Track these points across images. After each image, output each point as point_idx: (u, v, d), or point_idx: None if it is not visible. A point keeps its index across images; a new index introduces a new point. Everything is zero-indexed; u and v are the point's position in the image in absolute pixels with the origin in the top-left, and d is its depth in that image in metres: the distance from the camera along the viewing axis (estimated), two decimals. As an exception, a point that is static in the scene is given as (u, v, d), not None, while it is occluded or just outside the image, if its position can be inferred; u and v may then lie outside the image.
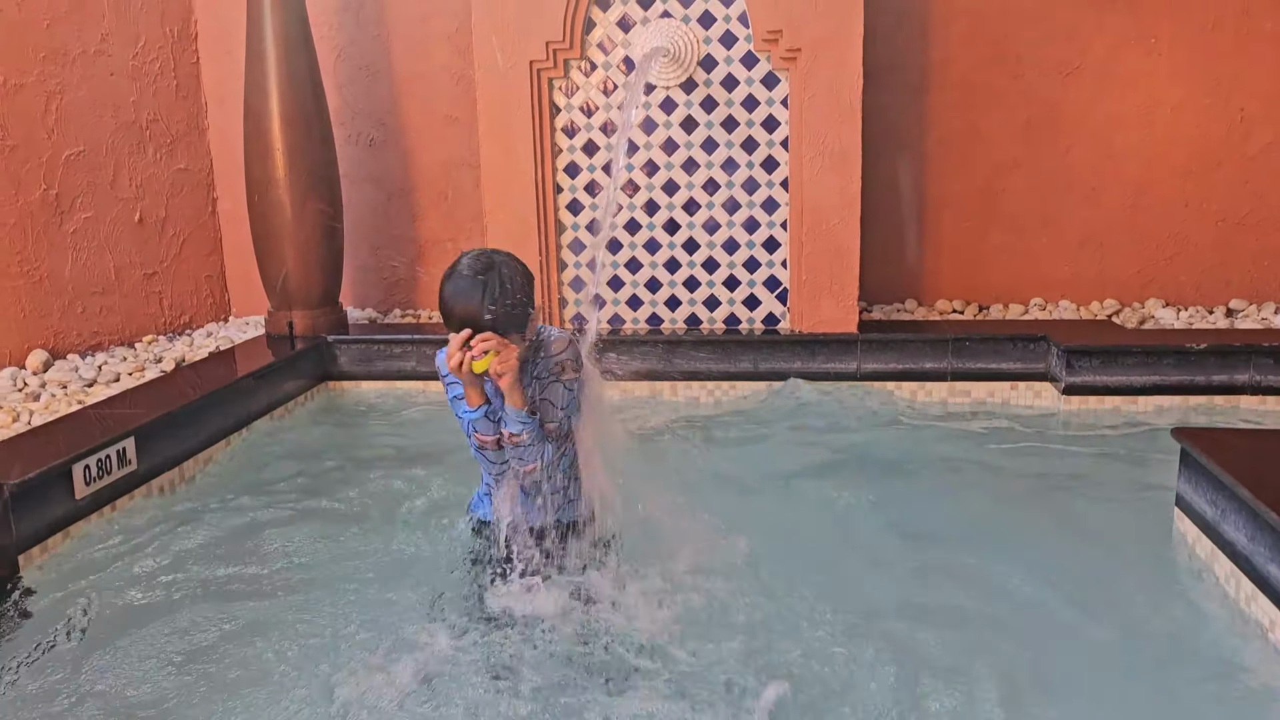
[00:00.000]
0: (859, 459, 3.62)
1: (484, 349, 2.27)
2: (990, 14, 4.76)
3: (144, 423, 3.26)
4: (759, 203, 4.40)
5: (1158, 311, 4.79)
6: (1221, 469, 2.57)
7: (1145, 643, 2.39)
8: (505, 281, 2.29)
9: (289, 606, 2.59)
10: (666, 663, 2.26)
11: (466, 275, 2.29)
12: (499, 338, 2.29)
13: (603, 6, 4.30)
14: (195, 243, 5.12)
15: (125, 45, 4.66)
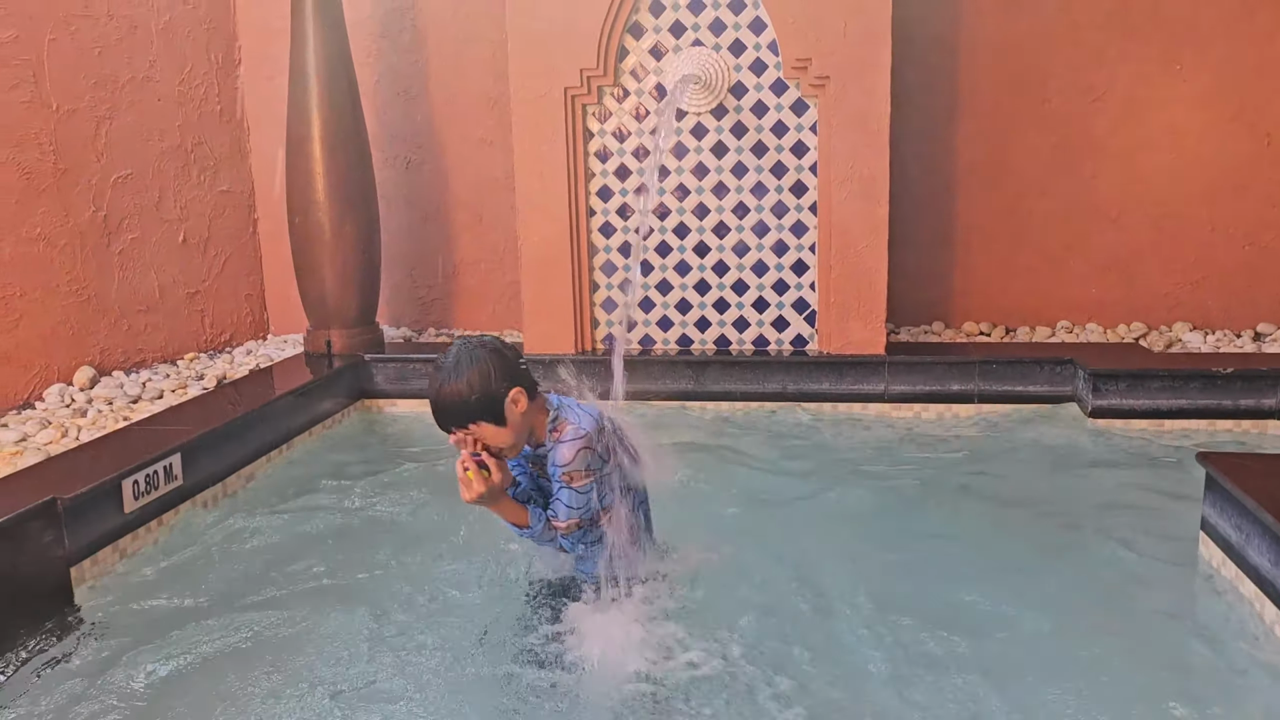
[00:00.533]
0: (885, 480, 3.66)
1: (463, 471, 2.35)
2: (1017, 42, 4.83)
3: (190, 439, 3.36)
4: (788, 226, 4.48)
5: (1185, 335, 4.81)
6: (1246, 493, 2.61)
7: (1170, 665, 2.42)
8: (440, 397, 2.35)
9: (325, 620, 2.67)
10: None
11: (434, 373, 2.38)
12: (471, 462, 2.34)
13: (636, 35, 4.40)
14: (236, 262, 5.25)
15: (172, 72, 4.80)
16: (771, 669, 2.38)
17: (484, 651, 2.47)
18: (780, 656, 2.45)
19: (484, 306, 5.36)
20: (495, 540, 2.92)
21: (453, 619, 2.65)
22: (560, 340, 4.57)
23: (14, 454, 3.39)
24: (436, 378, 2.37)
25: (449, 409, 2.35)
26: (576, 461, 2.42)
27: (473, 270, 5.34)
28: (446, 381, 2.34)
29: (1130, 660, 2.43)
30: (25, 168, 4.04)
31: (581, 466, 2.42)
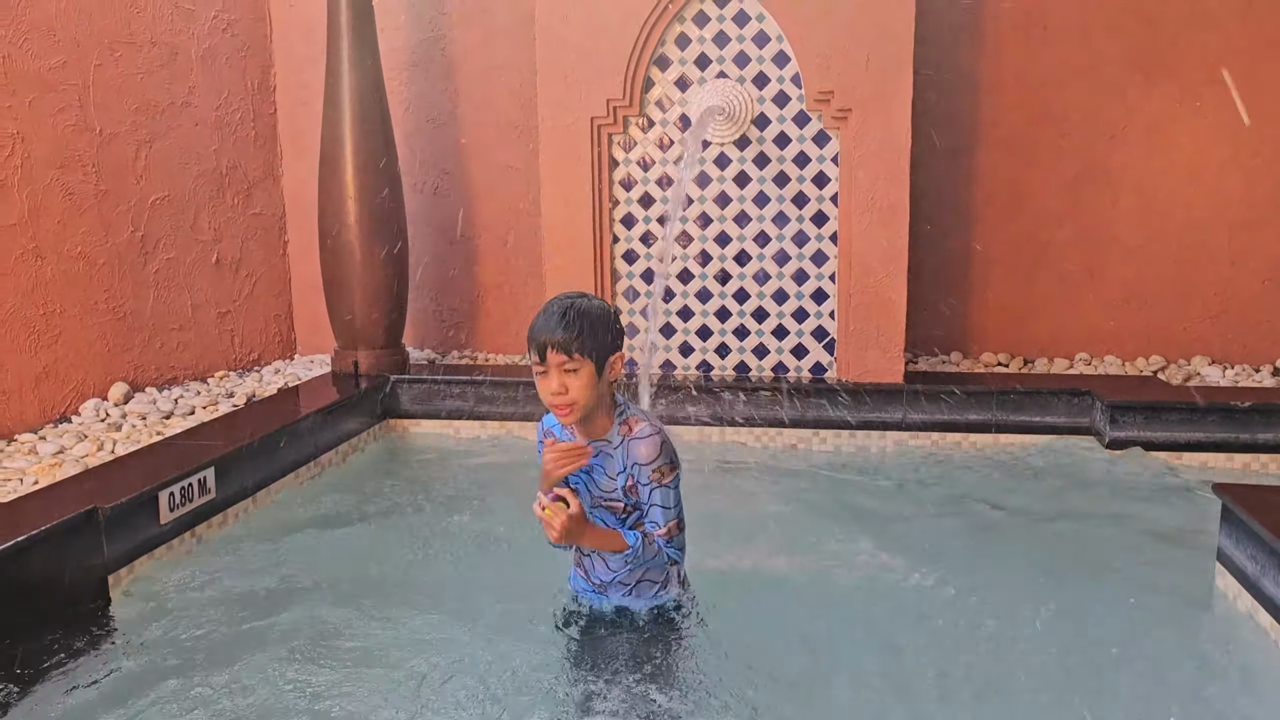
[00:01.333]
0: (898, 508, 3.71)
1: (541, 510, 2.27)
2: (1038, 76, 4.90)
3: (223, 453, 3.45)
4: (808, 255, 4.55)
5: (1204, 369, 4.84)
6: (1262, 525, 2.65)
7: (1185, 697, 2.45)
8: (584, 311, 2.29)
9: (354, 633, 2.73)
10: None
11: (551, 305, 2.33)
12: (546, 500, 2.28)
13: (662, 67, 4.50)
14: (266, 283, 5.36)
15: (210, 97, 4.93)
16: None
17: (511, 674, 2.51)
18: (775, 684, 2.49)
19: (508, 330, 5.45)
20: (524, 547, 2.99)
21: (479, 628, 2.71)
22: (583, 364, 4.64)
23: (53, 465, 3.49)
24: (564, 300, 2.32)
25: (579, 322, 2.26)
26: (662, 456, 2.35)
27: (497, 294, 5.43)
28: (580, 303, 2.31)
29: (1144, 692, 2.46)
30: (69, 189, 4.17)
31: (666, 461, 2.36)
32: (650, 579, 2.51)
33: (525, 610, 2.74)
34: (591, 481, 2.45)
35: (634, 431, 2.37)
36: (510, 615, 2.76)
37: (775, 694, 2.43)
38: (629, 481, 2.38)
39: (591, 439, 2.41)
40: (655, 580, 2.52)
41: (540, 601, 2.73)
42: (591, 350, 2.27)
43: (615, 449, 2.39)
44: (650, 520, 2.40)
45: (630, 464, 2.36)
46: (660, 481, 2.36)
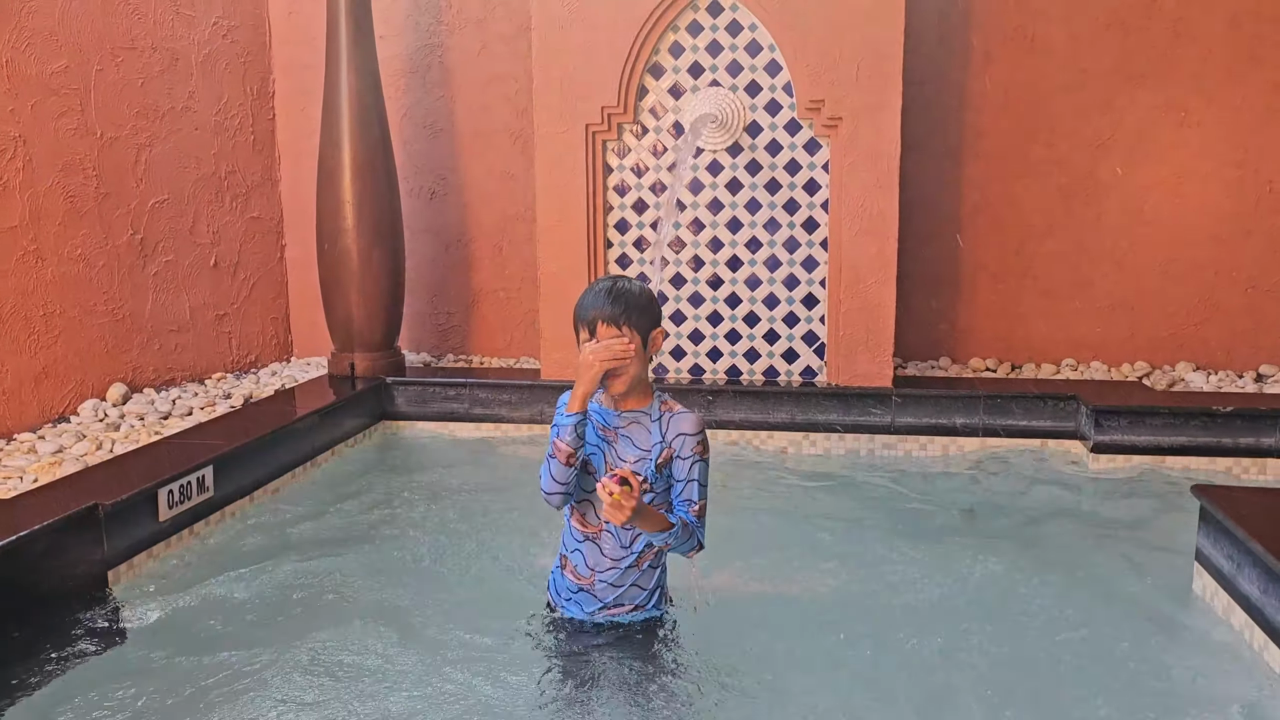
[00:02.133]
0: (886, 510, 3.78)
1: (608, 495, 2.26)
2: (1026, 87, 4.98)
3: (221, 453, 3.50)
4: (799, 261, 4.61)
5: (1188, 375, 4.92)
6: (1237, 524, 2.71)
7: (1163, 691, 2.52)
8: (629, 289, 2.43)
9: (346, 631, 2.77)
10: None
11: (597, 285, 2.47)
12: (613, 484, 2.26)
13: (655, 74, 4.57)
14: (263, 287, 5.41)
15: (209, 103, 4.99)
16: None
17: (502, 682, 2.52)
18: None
19: (502, 334, 5.51)
20: (514, 550, 3.04)
21: (469, 630, 2.76)
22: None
23: (52, 464, 3.54)
24: (608, 280, 2.45)
25: (626, 297, 2.40)
26: (703, 431, 2.48)
27: (492, 299, 5.49)
28: (623, 282, 2.45)
29: (1121, 688, 2.52)
30: (70, 192, 4.22)
31: (705, 438, 2.48)
32: (639, 585, 2.53)
33: (512, 616, 2.77)
34: (613, 452, 2.47)
35: (675, 408, 2.49)
36: (496, 620, 2.79)
37: (752, 704, 2.44)
38: (666, 454, 2.44)
39: (623, 410, 2.48)
40: (643, 587, 2.54)
41: (532, 608, 2.77)
42: (637, 323, 2.40)
43: (654, 421, 2.47)
44: (685, 498, 2.46)
45: (674, 436, 2.45)
46: (702, 455, 2.46)
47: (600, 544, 2.51)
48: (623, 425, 2.48)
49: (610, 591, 2.52)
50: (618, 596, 2.53)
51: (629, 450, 2.47)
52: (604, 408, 2.51)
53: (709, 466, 2.50)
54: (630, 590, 2.53)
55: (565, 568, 2.58)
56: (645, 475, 2.43)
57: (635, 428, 2.48)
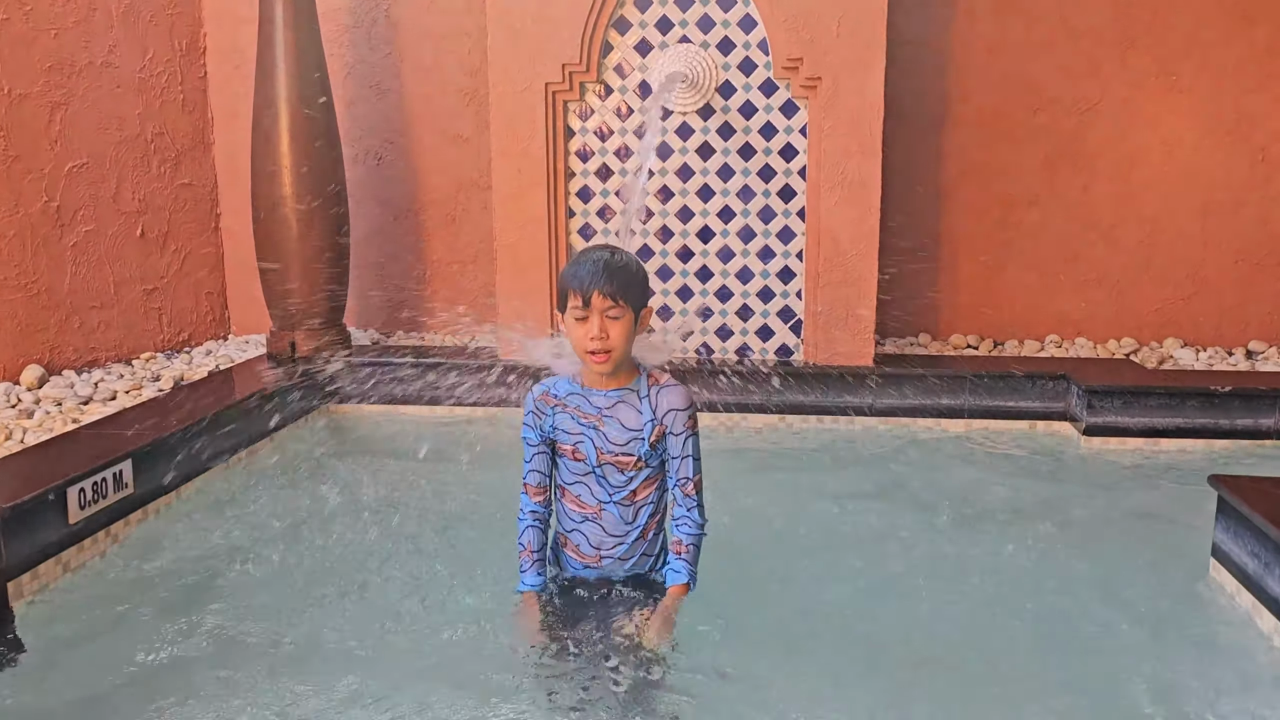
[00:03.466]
0: (875, 496, 3.51)
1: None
2: (1011, 48, 4.72)
3: (142, 444, 3.15)
4: (774, 232, 4.33)
5: (1176, 351, 4.72)
6: (1268, 521, 2.48)
7: (1186, 699, 2.29)
8: (626, 262, 2.32)
9: (288, 639, 2.47)
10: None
11: (590, 254, 2.33)
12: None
13: (621, 30, 4.24)
14: (197, 259, 5.02)
15: (132, 58, 4.58)
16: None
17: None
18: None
19: (456, 309, 5.16)
20: (471, 542, 2.77)
21: (429, 633, 2.48)
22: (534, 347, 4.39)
23: (-50, 458, 3.16)
24: (603, 250, 2.33)
25: (619, 271, 2.28)
26: (692, 405, 2.40)
27: (445, 272, 5.15)
28: (620, 254, 2.33)
29: (1140, 696, 2.28)
30: (-29, 153, 3.81)
31: (695, 410, 2.41)
32: (648, 553, 2.47)
33: (472, 600, 2.56)
34: (601, 436, 2.38)
35: (662, 381, 2.40)
36: (455, 612, 2.53)
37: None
38: (658, 430, 2.36)
39: (608, 390, 2.39)
40: (651, 554, 2.48)
41: (489, 599, 2.55)
42: (632, 299, 2.30)
43: (643, 398, 2.38)
44: (680, 476, 2.40)
45: (664, 411, 2.36)
46: (693, 429, 2.39)
47: (602, 522, 2.43)
48: (608, 406, 2.38)
49: (619, 565, 2.46)
50: (629, 567, 2.46)
51: (618, 433, 2.37)
52: (587, 388, 2.41)
53: (699, 438, 2.42)
54: (639, 560, 2.47)
55: (566, 546, 2.49)
56: (639, 455, 2.37)
57: (623, 407, 2.38)
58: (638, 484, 2.40)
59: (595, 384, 2.39)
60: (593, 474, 2.40)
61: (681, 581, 2.37)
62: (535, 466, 2.45)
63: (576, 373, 2.43)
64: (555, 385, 2.44)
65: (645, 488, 2.41)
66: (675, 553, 2.40)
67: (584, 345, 2.29)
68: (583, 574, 2.47)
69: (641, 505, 2.42)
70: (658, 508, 2.45)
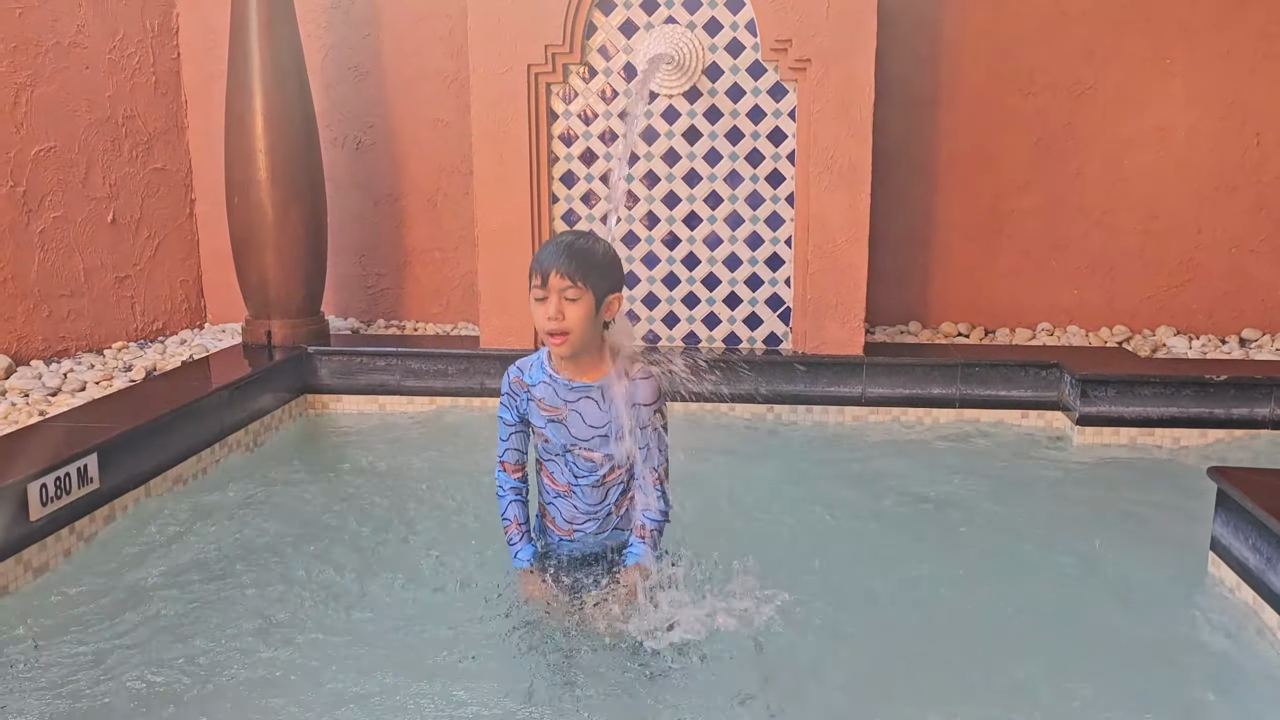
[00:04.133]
0: (862, 487, 3.43)
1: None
2: (1003, 31, 4.62)
3: (109, 438, 3.03)
4: (763, 218, 4.23)
5: (1169, 340, 4.65)
6: (1270, 515, 2.40)
7: (1183, 700, 2.21)
8: (592, 246, 2.34)
9: (259, 644, 2.37)
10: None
11: (560, 236, 2.37)
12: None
13: (605, 10, 4.13)
14: (171, 246, 4.89)
15: (102, 38, 4.44)
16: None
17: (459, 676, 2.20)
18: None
19: (438, 298, 5.06)
20: (453, 543, 2.71)
21: (409, 638, 2.38)
22: (519, 335, 4.29)
23: (-92, 452, 3.04)
24: (573, 233, 2.38)
25: (580, 253, 2.29)
26: (662, 397, 2.42)
27: (426, 259, 5.03)
28: (589, 239, 2.37)
29: (1138, 693, 2.21)
30: (-69, 135, 3.68)
31: (664, 403, 2.43)
32: (620, 527, 2.52)
33: (454, 607, 2.45)
34: (566, 432, 2.42)
35: (633, 374, 2.39)
36: (437, 613, 2.43)
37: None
38: (630, 424, 2.39)
39: (576, 381, 2.40)
40: (624, 528, 2.52)
41: (471, 596, 2.48)
42: (593, 283, 2.29)
43: (626, 387, 2.38)
44: (646, 466, 2.42)
45: (633, 406, 2.37)
46: (659, 424, 2.42)
47: (574, 500, 2.50)
48: (573, 400, 2.41)
49: (592, 539, 2.53)
50: (601, 540, 2.53)
51: (581, 429, 2.42)
52: (558, 376, 2.43)
53: (668, 429, 2.46)
54: (613, 533, 2.53)
55: (545, 516, 2.59)
56: (604, 451, 2.42)
57: (587, 403, 2.41)
58: (605, 470, 2.46)
59: (564, 371, 2.42)
60: (563, 457, 2.46)
61: (635, 562, 2.40)
62: (512, 445, 2.53)
63: (549, 352, 2.45)
64: (529, 370, 2.48)
65: (614, 472, 2.47)
66: (638, 536, 2.44)
67: (543, 326, 2.31)
68: (560, 547, 2.55)
69: (611, 486, 2.48)
70: (628, 486, 2.50)
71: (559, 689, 2.16)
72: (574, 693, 2.15)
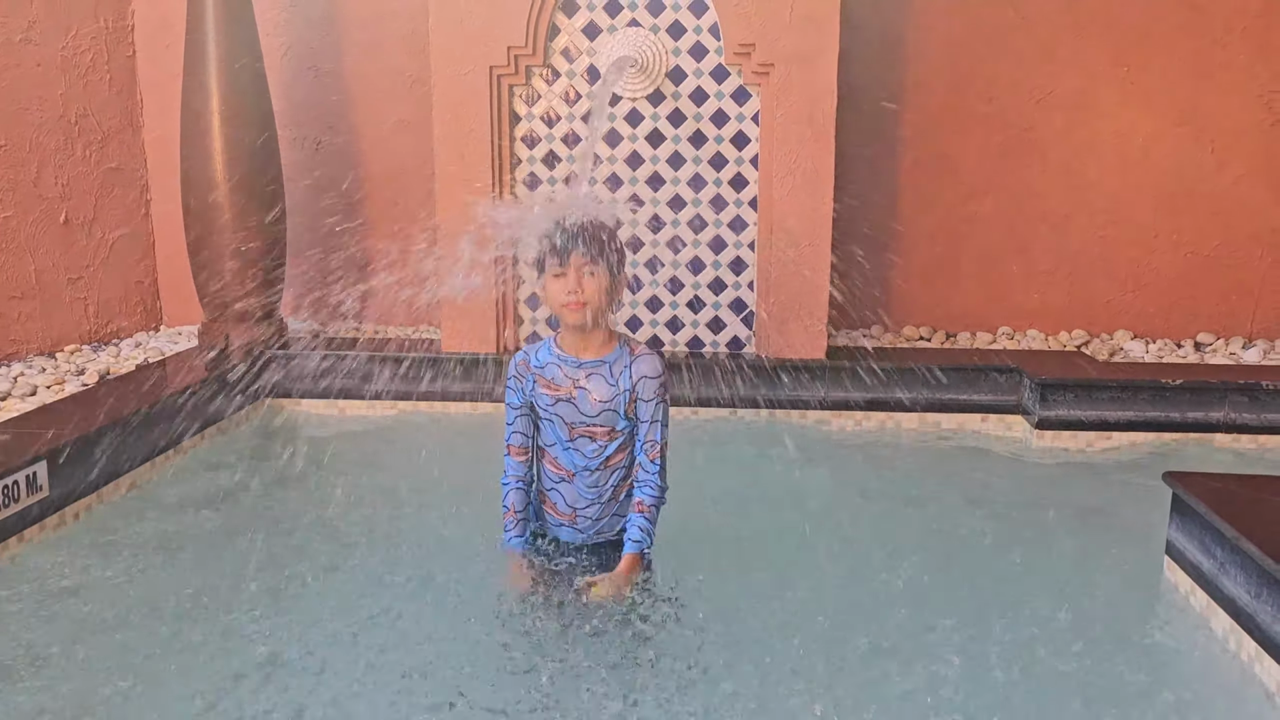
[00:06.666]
0: (823, 493, 3.42)
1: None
2: (965, 37, 4.65)
3: (58, 444, 2.97)
4: (726, 222, 4.23)
5: (1126, 344, 4.70)
6: (1223, 520, 2.43)
7: (1134, 700, 2.23)
8: (602, 226, 2.44)
9: (215, 653, 2.33)
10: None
11: (569, 218, 2.42)
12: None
13: (568, 12, 4.11)
14: (125, 247, 4.80)
15: (54, 35, 4.35)
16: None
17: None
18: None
19: (399, 300, 5.00)
20: (413, 548, 2.69)
21: (372, 649, 2.34)
22: (480, 339, 4.27)
23: None
24: (580, 218, 2.43)
25: (598, 234, 2.41)
26: (665, 372, 2.52)
27: (387, 260, 4.97)
28: (594, 222, 2.44)
29: (1090, 698, 2.22)
30: (-125, 134, 3.59)
31: (667, 378, 2.53)
32: (619, 514, 2.59)
33: (417, 610, 2.43)
34: (573, 409, 2.50)
35: (637, 352, 2.52)
36: (403, 619, 2.40)
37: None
38: (631, 399, 2.48)
39: (585, 359, 2.50)
40: (622, 515, 2.58)
41: (439, 610, 2.44)
42: (608, 261, 2.42)
43: (618, 371, 2.48)
44: (648, 439, 2.51)
45: (637, 379, 2.48)
46: (663, 396, 2.51)
47: (576, 486, 2.56)
48: (582, 377, 2.50)
49: (592, 525, 2.60)
50: (600, 527, 2.60)
51: (589, 405, 2.49)
52: (566, 355, 2.52)
53: (669, 406, 2.55)
54: (611, 520, 2.60)
55: (545, 503, 2.63)
56: (612, 426, 2.50)
57: (596, 379, 2.49)
58: (611, 451, 2.53)
59: (573, 350, 2.51)
60: (568, 443, 2.53)
61: (635, 550, 2.48)
62: (518, 429, 2.58)
63: (558, 334, 2.55)
64: (536, 353, 2.56)
65: (619, 453, 2.54)
66: (638, 510, 2.50)
67: (561, 299, 2.41)
68: (560, 533, 2.62)
69: (614, 469, 2.55)
70: (629, 472, 2.56)
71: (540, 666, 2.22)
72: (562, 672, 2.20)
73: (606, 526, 2.60)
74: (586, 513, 2.58)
